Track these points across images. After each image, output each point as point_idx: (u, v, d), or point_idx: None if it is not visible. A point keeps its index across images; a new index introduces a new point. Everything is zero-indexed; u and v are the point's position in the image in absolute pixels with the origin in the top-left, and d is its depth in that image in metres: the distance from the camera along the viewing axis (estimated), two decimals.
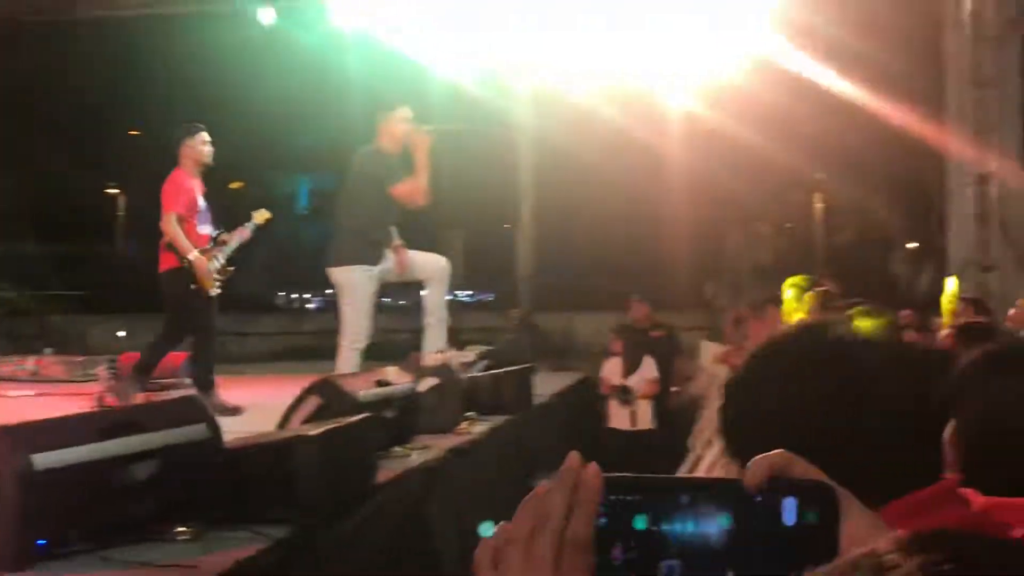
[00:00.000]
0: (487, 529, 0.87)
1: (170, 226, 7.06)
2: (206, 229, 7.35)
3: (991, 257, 11.19)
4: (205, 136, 7.08)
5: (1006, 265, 11.10)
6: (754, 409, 1.37)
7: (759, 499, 0.82)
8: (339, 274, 6.94)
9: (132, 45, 14.20)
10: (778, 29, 11.59)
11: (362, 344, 6.83)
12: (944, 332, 3.30)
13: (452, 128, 6.96)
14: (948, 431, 1.70)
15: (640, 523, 0.83)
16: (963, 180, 11.41)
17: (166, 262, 7.21)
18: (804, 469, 0.85)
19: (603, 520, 0.84)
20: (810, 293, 6.25)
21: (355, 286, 6.88)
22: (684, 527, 0.82)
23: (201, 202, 7.33)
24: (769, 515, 0.82)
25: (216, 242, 7.37)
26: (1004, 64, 11.26)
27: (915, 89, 12.04)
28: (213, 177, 7.36)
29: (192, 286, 7.10)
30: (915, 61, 12.63)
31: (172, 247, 7.13)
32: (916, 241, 18.23)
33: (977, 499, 1.34)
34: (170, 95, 15.29)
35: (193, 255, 7.07)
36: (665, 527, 0.83)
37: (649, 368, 9.70)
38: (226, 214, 7.64)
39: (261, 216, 7.69)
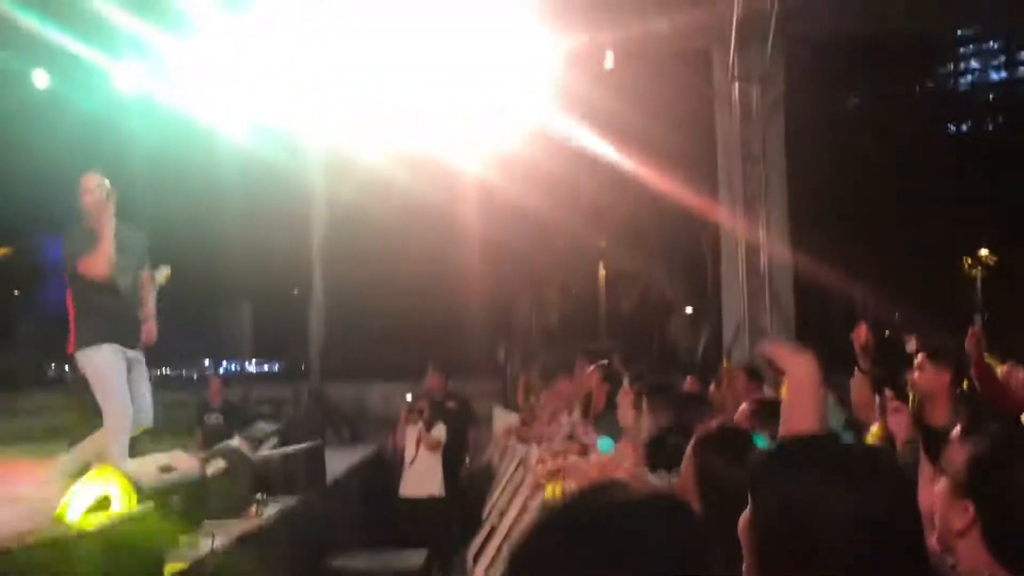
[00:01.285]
0: None
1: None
2: None
3: (762, 322, 11.83)
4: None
5: (777, 331, 11.76)
6: None
7: None
8: (79, 359, 6.20)
9: None
10: (562, 104, 12.00)
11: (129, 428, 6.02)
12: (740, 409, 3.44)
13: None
14: (744, 519, 1.77)
15: None
16: (734, 250, 12.06)
17: None
18: None
19: None
20: (594, 367, 6.42)
21: (96, 366, 6.13)
22: None
23: None
24: None
25: None
26: (771, 141, 12.03)
27: (690, 163, 12.69)
28: None
29: None
30: (690, 137, 13.34)
31: None
32: (692, 306, 19.10)
33: None
34: None
35: None
36: None
37: (439, 430, 9.66)
38: None
39: (163, 276, 7.09)
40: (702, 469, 2.50)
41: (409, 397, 12.48)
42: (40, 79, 11.76)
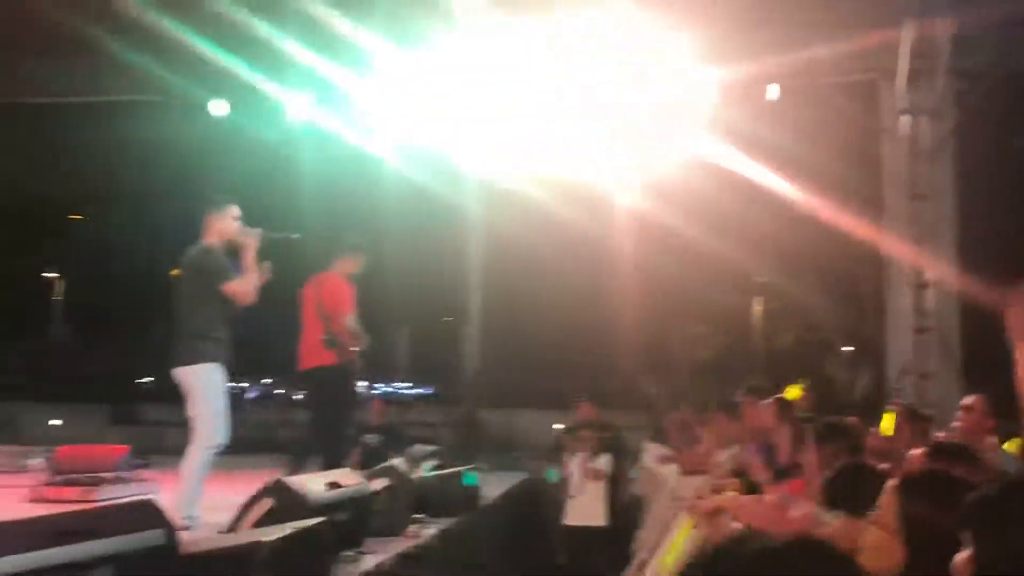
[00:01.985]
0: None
1: (351, 324, 7.77)
2: None
3: (928, 364, 11.39)
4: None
5: (943, 373, 11.30)
6: None
7: None
8: (186, 375, 6.36)
9: (73, 132, 14.09)
10: (721, 134, 11.87)
11: (218, 444, 6.32)
12: (914, 452, 3.32)
13: (281, 235, 6.70)
14: (962, 560, 1.72)
15: None
16: (901, 288, 11.66)
17: (323, 359, 7.77)
18: None
19: None
20: (770, 402, 6.25)
21: (206, 384, 6.33)
22: None
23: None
24: None
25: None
26: (940, 177, 11.62)
27: (855, 195, 12.34)
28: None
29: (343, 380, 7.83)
30: (854, 168, 12.98)
31: (333, 344, 7.73)
32: (852, 345, 18.54)
33: None
34: (115, 182, 15.19)
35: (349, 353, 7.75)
36: None
37: (605, 461, 9.71)
38: None
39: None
40: (907, 511, 2.44)
41: (559, 426, 12.50)
42: (217, 108, 12.32)
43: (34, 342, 19.21)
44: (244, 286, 6.45)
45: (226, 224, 6.58)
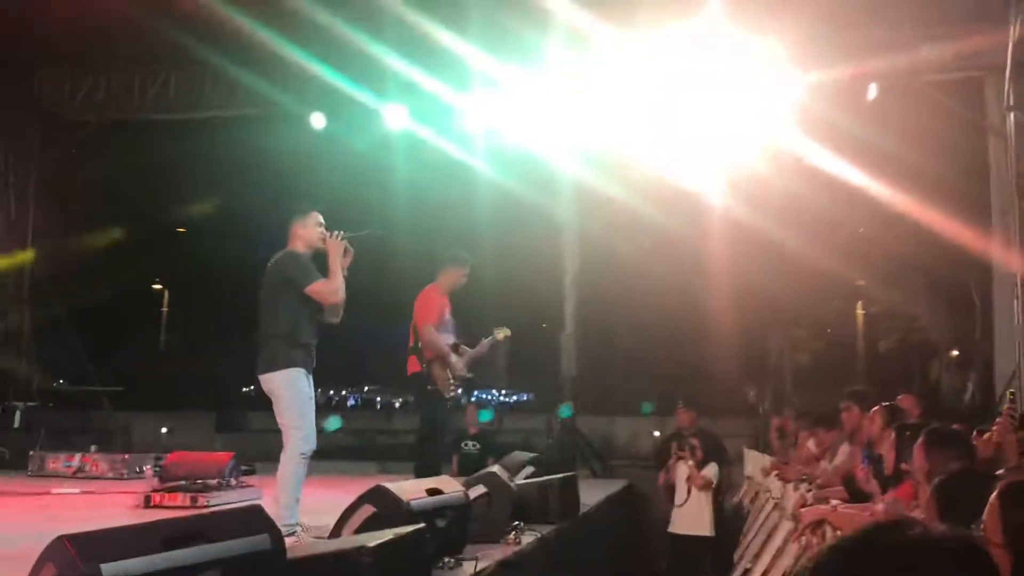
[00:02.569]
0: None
1: (427, 335, 8.06)
2: (448, 339, 8.30)
3: None
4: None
5: None
6: None
7: None
8: (271, 381, 6.33)
9: (179, 146, 14.48)
10: (820, 135, 11.66)
11: (309, 450, 6.27)
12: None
13: (364, 233, 6.70)
14: None
15: None
16: (1009, 291, 11.30)
17: (411, 366, 8.17)
18: None
19: None
20: (878, 409, 6.08)
21: (292, 390, 6.29)
22: None
23: (446, 314, 8.34)
24: None
25: (455, 351, 8.30)
26: None
27: (959, 196, 12.00)
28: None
29: (429, 387, 8.08)
30: (959, 168, 12.61)
31: (417, 353, 8.10)
32: (959, 350, 18.01)
33: None
34: (217, 195, 15.59)
35: (430, 363, 8.07)
36: None
37: (711, 470, 9.63)
38: None
39: (501, 333, 8.67)
40: (1011, 521, 2.37)
41: (657, 434, 12.41)
42: (317, 121, 12.56)
43: (145, 352, 19.83)
44: (327, 287, 6.42)
45: (309, 231, 6.59)
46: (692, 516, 9.56)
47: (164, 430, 11.80)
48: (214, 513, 3.87)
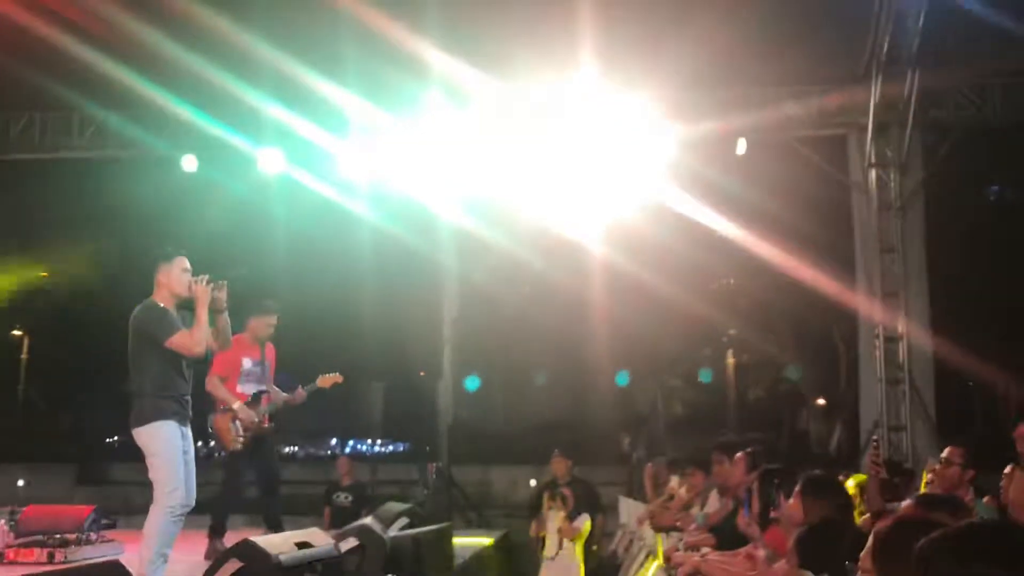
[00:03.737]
0: None
1: (208, 385, 7.85)
2: (248, 388, 8.09)
3: (902, 417, 11.43)
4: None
5: (916, 425, 11.33)
6: None
7: None
8: (142, 435, 5.96)
9: (44, 188, 13.99)
10: (692, 190, 11.94)
11: (180, 506, 5.81)
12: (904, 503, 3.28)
13: (231, 275, 6.36)
14: None
15: None
16: (873, 341, 11.72)
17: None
18: None
19: None
20: (741, 455, 6.21)
21: (162, 443, 5.92)
22: None
23: (246, 363, 8.10)
24: None
25: (254, 400, 8.02)
26: (910, 230, 11.73)
27: (825, 248, 12.43)
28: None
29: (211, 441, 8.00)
30: (825, 221, 13.08)
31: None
32: (824, 398, 18.57)
33: None
34: (81, 238, 15.10)
35: (215, 416, 7.89)
36: None
37: (583, 521, 9.59)
38: None
39: (329, 380, 8.27)
40: (885, 559, 2.42)
41: (533, 482, 12.38)
42: (189, 163, 12.30)
43: (1, 401, 18.93)
44: (188, 340, 6.04)
45: (173, 278, 6.18)
46: (562, 569, 9.45)
47: (20, 483, 11.22)
48: (71, 569, 3.69)
